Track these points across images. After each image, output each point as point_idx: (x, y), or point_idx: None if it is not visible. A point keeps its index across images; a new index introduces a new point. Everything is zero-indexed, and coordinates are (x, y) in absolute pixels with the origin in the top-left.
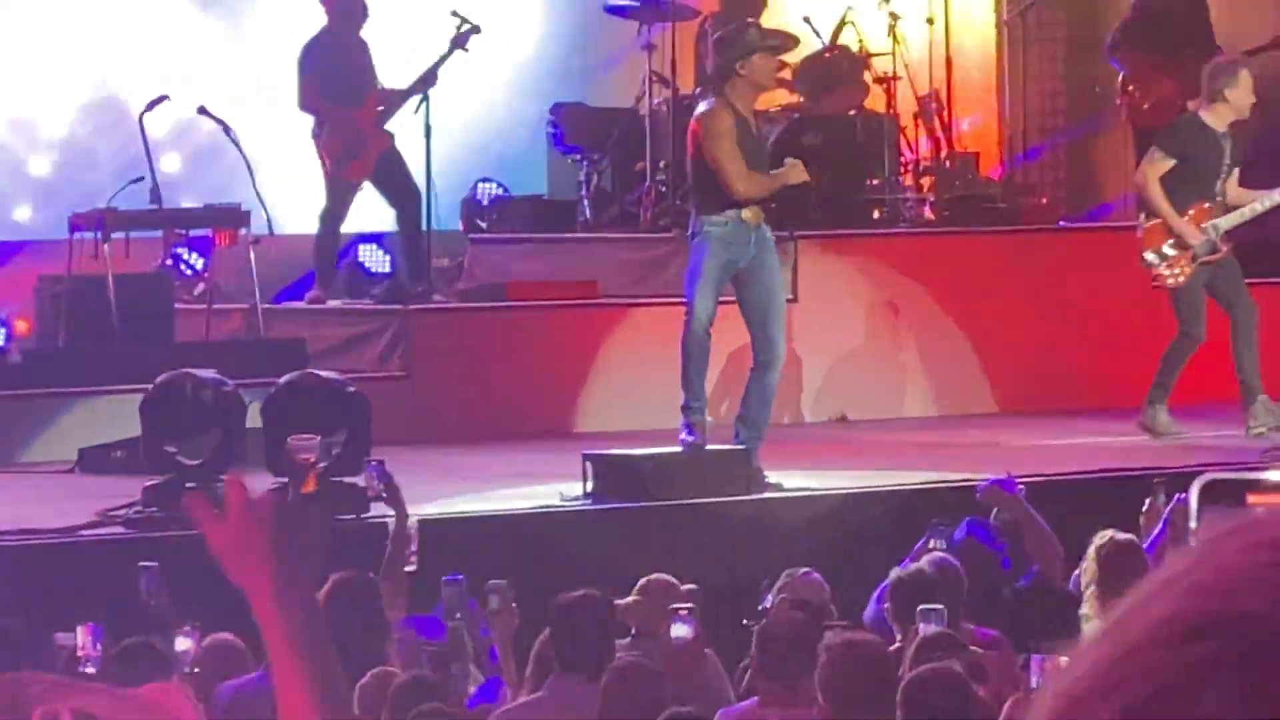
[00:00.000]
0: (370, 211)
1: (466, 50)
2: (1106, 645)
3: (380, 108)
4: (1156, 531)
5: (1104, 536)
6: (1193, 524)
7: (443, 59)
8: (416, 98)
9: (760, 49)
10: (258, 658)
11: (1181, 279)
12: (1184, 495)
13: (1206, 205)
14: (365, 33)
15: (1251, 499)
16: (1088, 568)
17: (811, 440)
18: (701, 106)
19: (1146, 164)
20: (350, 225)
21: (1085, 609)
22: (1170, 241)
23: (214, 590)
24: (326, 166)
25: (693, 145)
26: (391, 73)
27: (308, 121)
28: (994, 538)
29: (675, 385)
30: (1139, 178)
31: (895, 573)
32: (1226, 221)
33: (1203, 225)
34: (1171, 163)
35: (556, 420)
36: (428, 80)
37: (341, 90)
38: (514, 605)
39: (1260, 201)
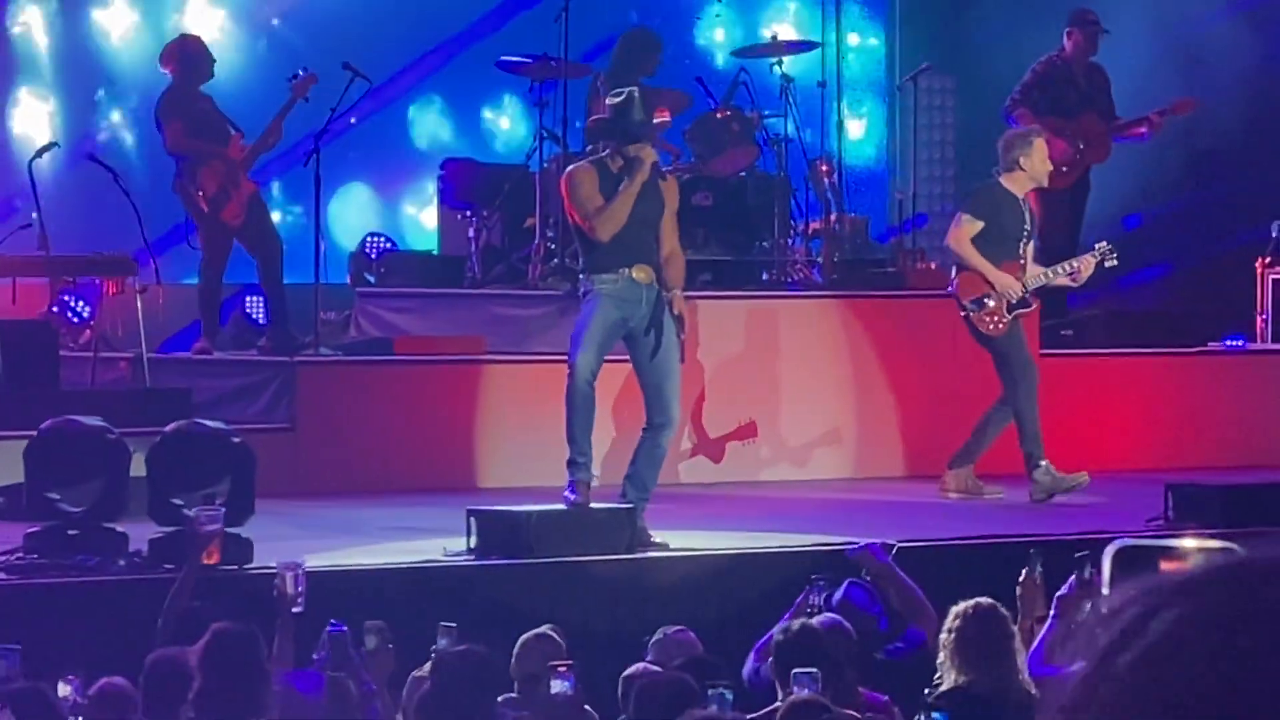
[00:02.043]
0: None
1: (307, 100)
2: None
3: (244, 151)
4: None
5: (965, 604)
6: (1105, 590)
7: (285, 108)
8: (309, 153)
9: (640, 139)
10: (147, 702)
11: (1002, 327)
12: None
13: (1014, 265)
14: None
15: (1164, 566)
16: (945, 633)
17: (697, 501)
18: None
19: (955, 227)
20: (238, 276)
21: (940, 675)
22: (988, 294)
23: (99, 636)
24: (203, 211)
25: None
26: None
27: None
28: (872, 600)
29: (562, 442)
30: (951, 241)
31: (779, 631)
32: (1032, 281)
33: (1018, 280)
34: (980, 225)
35: (442, 475)
36: (273, 131)
37: (204, 132)
38: (390, 646)
39: (1052, 272)
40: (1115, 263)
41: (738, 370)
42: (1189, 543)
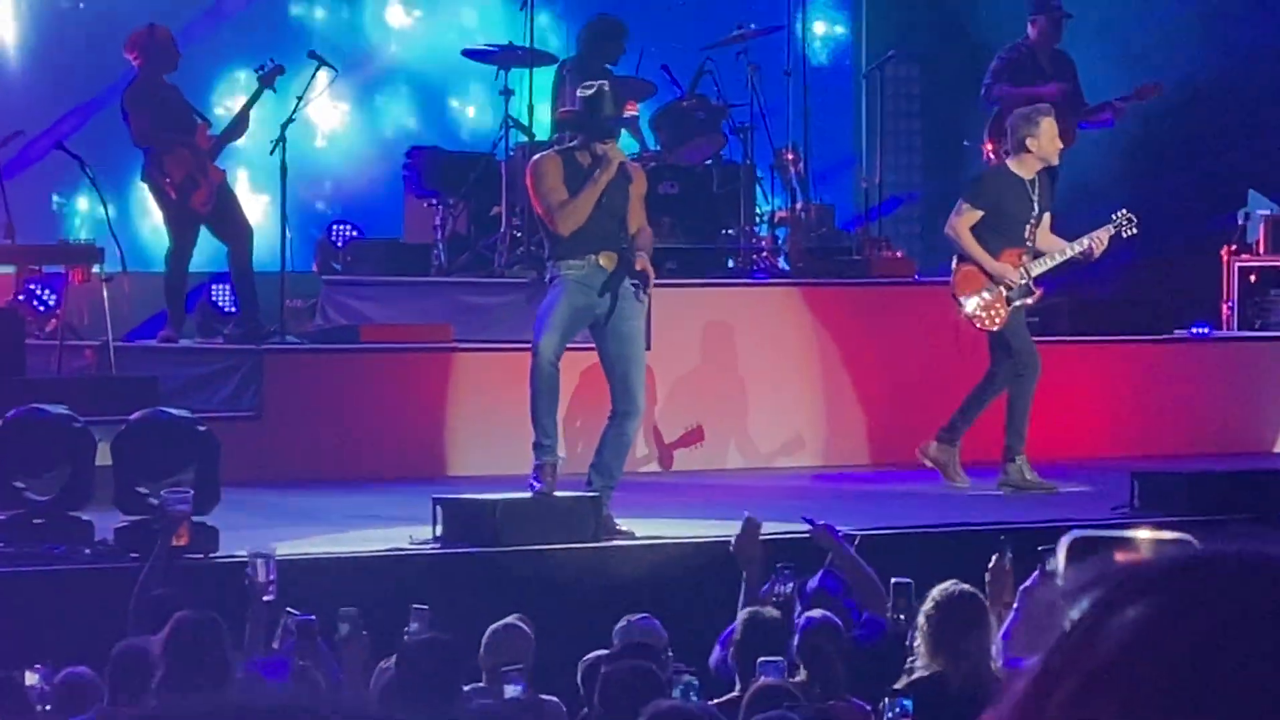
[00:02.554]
0: (224, 250)
1: (274, 90)
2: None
3: (210, 140)
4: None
5: (941, 588)
6: (1059, 581)
7: (253, 98)
8: (275, 141)
9: (610, 136)
10: (112, 691)
11: (999, 322)
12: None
13: (1018, 253)
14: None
15: (1120, 557)
16: (921, 618)
17: (661, 489)
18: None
19: (955, 216)
20: (205, 265)
21: (916, 659)
22: (986, 286)
23: (66, 625)
24: (171, 199)
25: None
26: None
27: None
28: (846, 590)
29: (528, 430)
30: (950, 230)
31: (742, 617)
32: (1037, 266)
33: (1018, 269)
34: (980, 214)
35: (408, 463)
36: (241, 121)
37: (172, 122)
38: (364, 634)
39: (1069, 247)
40: (1135, 232)
41: (703, 359)
42: (1144, 534)
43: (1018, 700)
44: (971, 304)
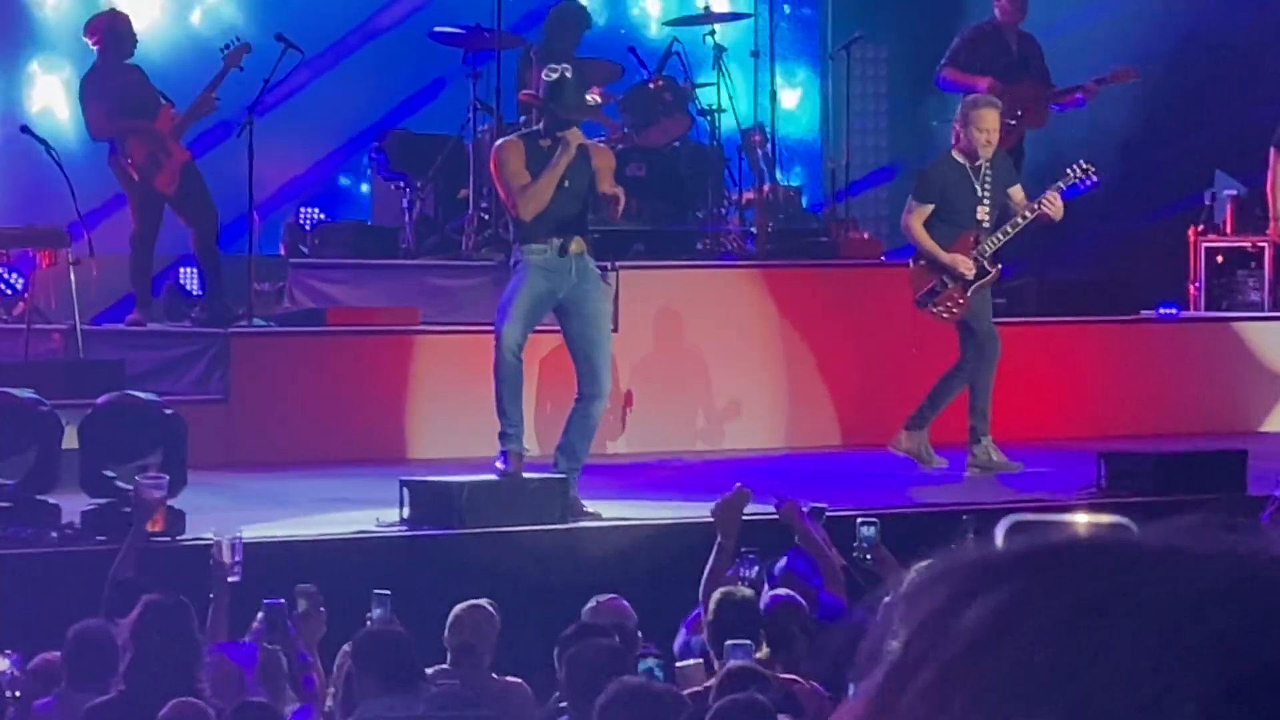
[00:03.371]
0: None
1: (241, 69)
2: None
3: (174, 120)
4: None
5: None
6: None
7: (218, 78)
8: (244, 121)
9: (569, 125)
10: (71, 673)
11: (958, 311)
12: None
13: (970, 236)
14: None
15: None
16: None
17: (631, 471)
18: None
19: (907, 214)
20: (172, 248)
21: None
22: (942, 277)
23: (34, 609)
24: (134, 181)
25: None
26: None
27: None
28: (813, 570)
29: (495, 415)
30: (905, 229)
31: (716, 598)
32: (991, 244)
33: (971, 254)
34: (930, 207)
35: (376, 447)
36: (205, 100)
37: (131, 108)
38: (321, 610)
39: (1020, 215)
40: (1095, 179)
41: (670, 341)
42: (1081, 517)
43: (874, 692)
44: (931, 298)
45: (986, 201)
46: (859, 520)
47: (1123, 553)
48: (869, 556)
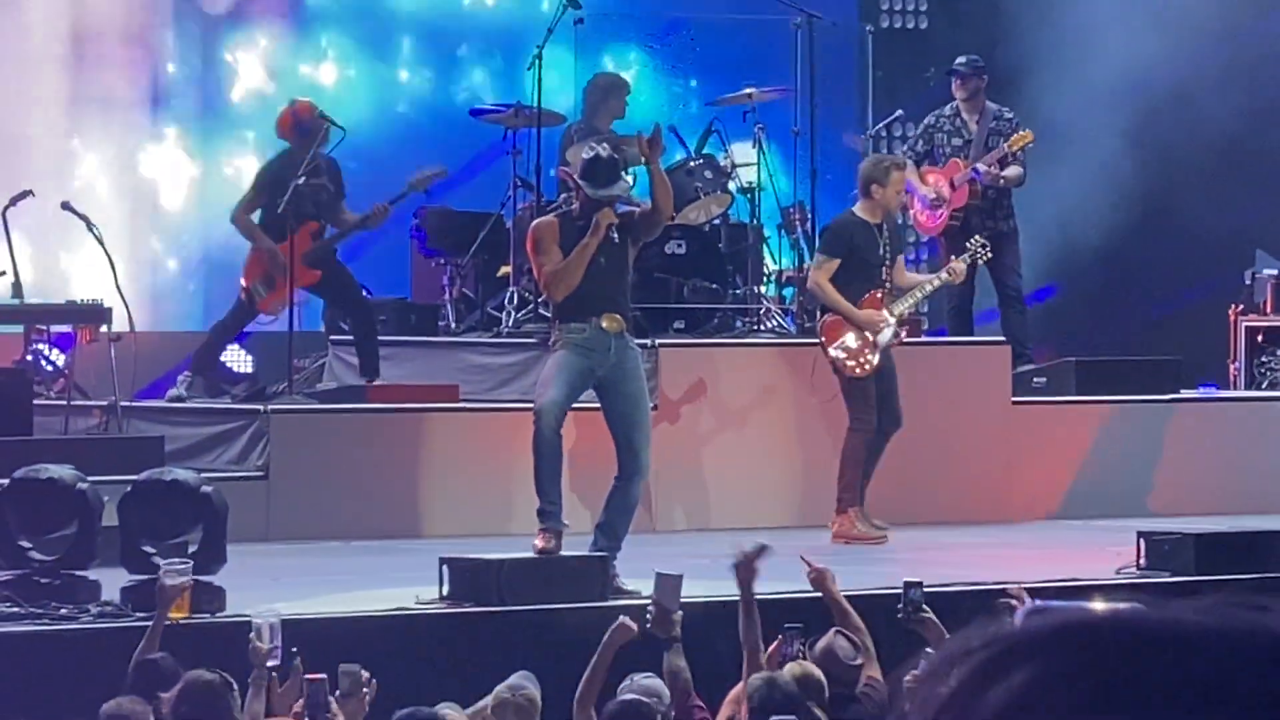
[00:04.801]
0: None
1: (426, 194)
2: None
3: (316, 242)
4: None
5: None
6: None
7: (396, 199)
8: (284, 199)
9: (600, 207)
10: None
11: (869, 367)
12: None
13: (878, 295)
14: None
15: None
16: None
17: (671, 547)
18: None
19: (814, 269)
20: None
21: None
22: (852, 334)
23: (70, 685)
24: (243, 285)
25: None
26: None
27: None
28: (856, 650)
29: (533, 489)
30: (812, 285)
31: (755, 680)
32: (900, 305)
33: (881, 312)
34: (837, 262)
35: (415, 523)
36: (372, 219)
37: (272, 219)
38: (365, 691)
39: (929, 281)
40: (989, 257)
41: (709, 418)
42: (1097, 605)
43: None
44: (840, 352)
45: (886, 261)
46: (904, 581)
47: (1139, 633)
48: (914, 616)
